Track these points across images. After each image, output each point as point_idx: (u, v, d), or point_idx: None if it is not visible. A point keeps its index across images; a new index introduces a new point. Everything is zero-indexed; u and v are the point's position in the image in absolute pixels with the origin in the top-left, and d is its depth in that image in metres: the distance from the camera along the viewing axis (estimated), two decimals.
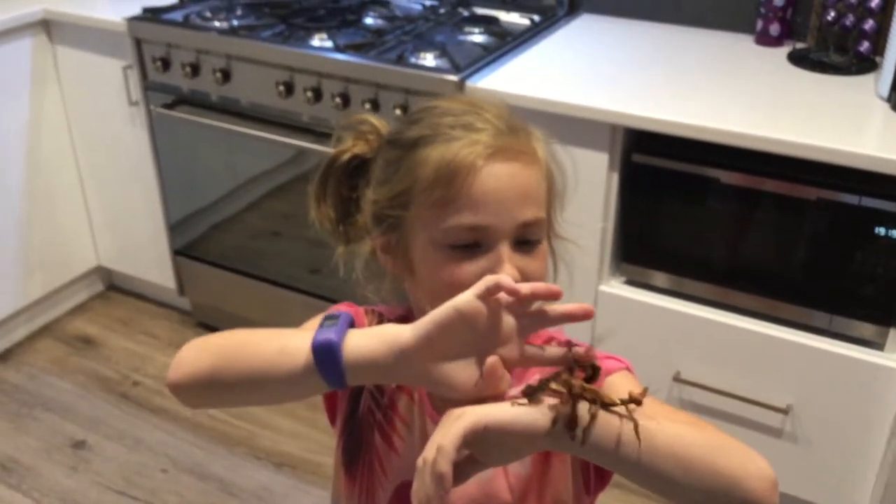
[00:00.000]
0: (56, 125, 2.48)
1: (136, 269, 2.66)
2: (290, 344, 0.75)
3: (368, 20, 2.24)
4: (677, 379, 1.85)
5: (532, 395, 0.70)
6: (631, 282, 1.88)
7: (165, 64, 2.20)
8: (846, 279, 1.66)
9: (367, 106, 1.92)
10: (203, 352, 0.81)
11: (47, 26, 2.37)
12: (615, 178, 1.79)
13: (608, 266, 1.87)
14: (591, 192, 1.80)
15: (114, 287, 2.81)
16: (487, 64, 1.90)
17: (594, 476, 0.87)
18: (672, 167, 1.75)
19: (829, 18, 1.90)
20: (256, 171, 2.27)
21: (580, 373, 0.71)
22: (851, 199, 1.60)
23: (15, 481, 2.08)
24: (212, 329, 2.59)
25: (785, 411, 1.76)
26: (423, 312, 0.73)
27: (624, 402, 0.69)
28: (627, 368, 0.86)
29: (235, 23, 2.18)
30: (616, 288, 1.88)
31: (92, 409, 2.31)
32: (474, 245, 0.78)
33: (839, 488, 1.79)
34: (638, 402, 0.69)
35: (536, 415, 0.68)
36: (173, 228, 2.47)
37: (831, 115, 1.68)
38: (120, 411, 2.30)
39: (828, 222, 1.65)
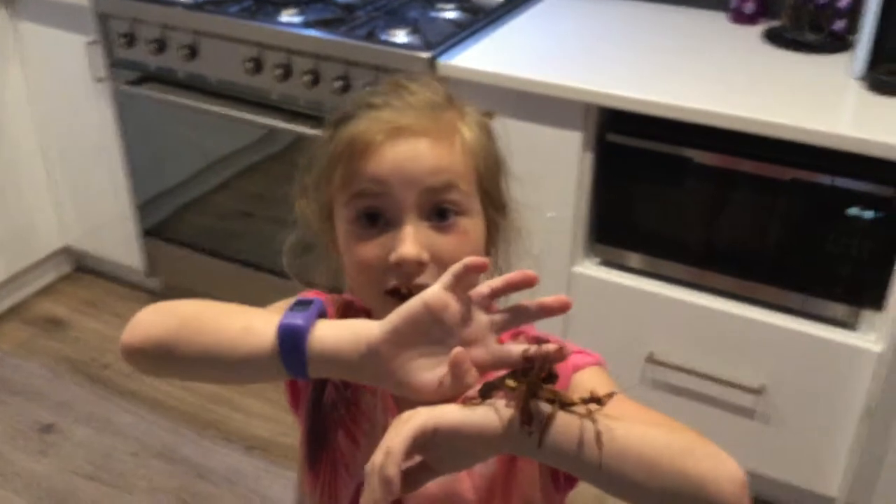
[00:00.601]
0: (17, 103, 2.41)
1: (104, 250, 2.61)
2: (256, 324, 0.71)
3: None
4: (650, 360, 1.84)
5: (486, 394, 0.66)
6: (605, 262, 1.87)
7: (131, 40, 2.14)
8: (819, 260, 1.66)
9: (338, 84, 1.88)
10: (163, 317, 0.76)
11: (8, 1, 2.30)
12: (589, 157, 1.77)
13: (581, 247, 1.86)
14: (564, 171, 1.78)
15: (82, 268, 2.76)
16: (460, 41, 1.87)
17: (563, 474, 0.83)
18: (646, 147, 1.73)
19: None
20: (227, 151, 2.23)
21: (540, 374, 0.66)
22: (825, 179, 1.59)
23: None
24: None
25: (758, 391, 1.75)
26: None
27: (584, 402, 0.65)
28: (598, 363, 0.82)
29: None
30: (589, 269, 1.86)
31: (60, 392, 2.27)
32: (380, 221, 0.76)
33: (811, 468, 1.79)
34: (599, 402, 0.65)
35: (490, 416, 0.64)
36: (142, 208, 2.42)
37: (805, 94, 1.67)
38: (89, 394, 2.26)
39: (802, 203, 1.64)
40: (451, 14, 2.08)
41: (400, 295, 0.74)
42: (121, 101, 2.26)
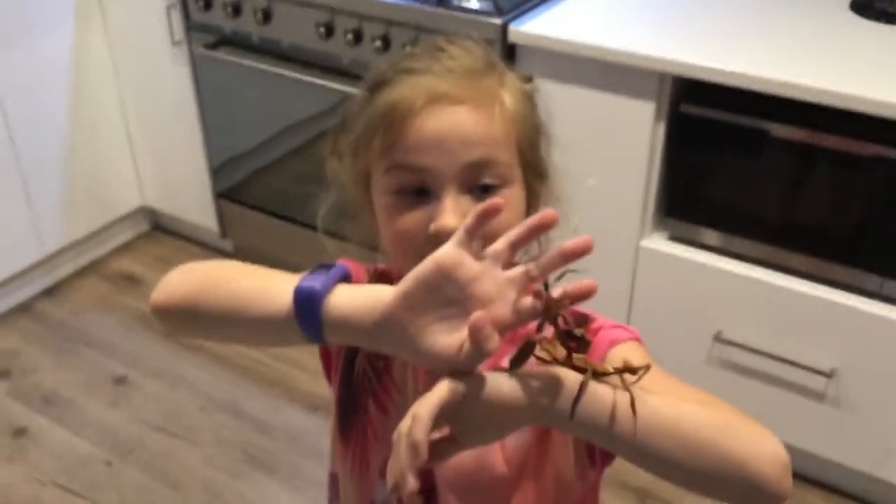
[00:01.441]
0: (100, 63, 2.48)
1: (180, 211, 2.67)
2: (274, 285, 0.70)
3: None
4: (718, 338, 1.80)
5: (515, 363, 0.63)
6: (674, 237, 1.83)
7: (207, 3, 2.17)
8: None
9: (408, 48, 1.87)
10: (188, 276, 0.77)
11: None
12: (661, 128, 1.72)
13: (651, 221, 1.82)
14: (635, 142, 1.74)
15: (158, 227, 2.84)
16: (533, 7, 1.84)
17: (599, 449, 0.79)
18: (721, 118, 1.68)
19: None
20: (301, 116, 2.25)
21: (571, 343, 0.64)
22: None
23: (56, 414, 2.13)
24: None
25: (828, 375, 1.70)
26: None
27: (618, 371, 0.62)
28: (636, 339, 0.79)
29: None
30: (659, 243, 1.82)
31: (133, 346, 2.34)
32: (421, 192, 0.74)
33: (880, 455, 1.73)
34: (633, 371, 0.62)
35: (520, 385, 0.62)
36: (216, 171, 2.47)
37: (893, 67, 1.59)
38: (160, 349, 2.33)
39: (884, 180, 1.57)
40: None
41: None
42: (197, 64, 2.29)
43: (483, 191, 0.74)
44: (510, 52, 1.79)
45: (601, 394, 0.62)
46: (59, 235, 2.51)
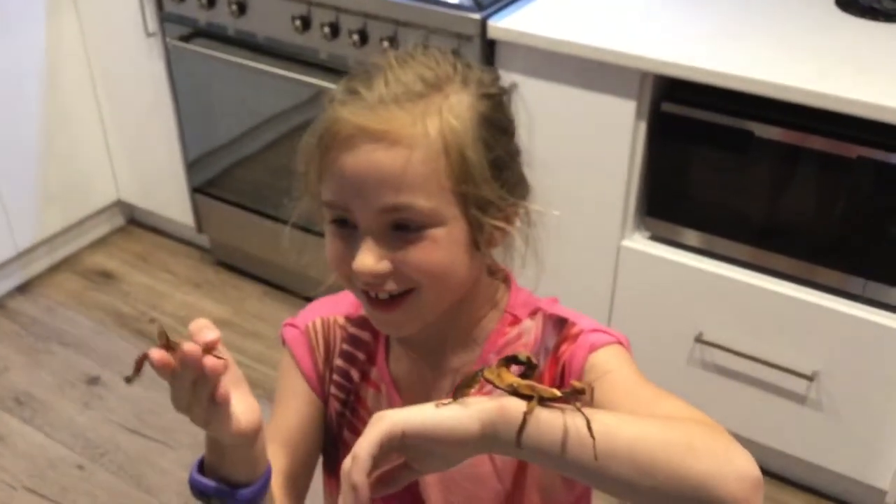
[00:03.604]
0: (74, 55, 2.42)
1: (156, 205, 2.63)
2: None
3: None
4: (699, 340, 1.77)
5: (458, 393, 0.61)
6: (655, 237, 1.80)
7: None
8: (883, 243, 1.56)
9: (386, 44, 1.83)
10: None
11: None
12: (643, 127, 1.69)
13: (632, 220, 1.79)
14: (616, 141, 1.71)
15: (135, 221, 2.79)
16: (512, 2, 1.80)
17: None
18: (704, 118, 1.64)
19: None
20: (276, 110, 2.20)
21: (517, 366, 0.62)
22: (894, 158, 1.49)
23: (28, 415, 2.09)
24: (230, 268, 2.58)
25: (810, 378, 1.68)
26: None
27: (566, 395, 0.60)
28: (619, 342, 0.77)
29: None
30: (639, 243, 1.79)
31: (108, 344, 2.30)
32: (349, 223, 0.74)
33: (863, 459, 1.72)
34: (582, 393, 0.60)
35: (463, 416, 0.60)
36: (192, 165, 2.42)
37: (880, 66, 1.56)
38: (135, 348, 2.29)
39: (868, 182, 1.54)
40: None
41: (368, 296, 0.75)
42: (171, 56, 2.24)
43: (402, 229, 0.72)
44: (490, 48, 1.75)
45: (549, 420, 0.60)
46: (33, 231, 2.46)
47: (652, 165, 1.74)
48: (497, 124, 0.76)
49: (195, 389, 0.65)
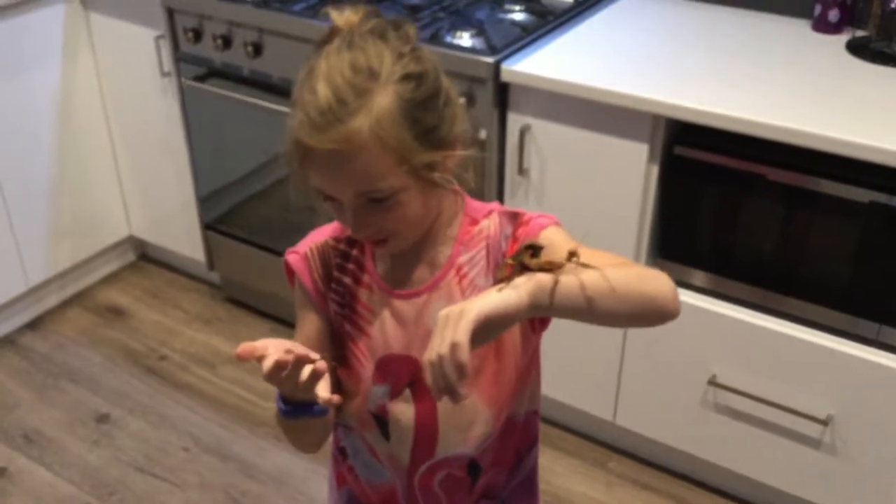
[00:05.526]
0: (89, 93, 2.45)
1: (168, 241, 2.64)
2: None
3: None
4: (712, 382, 1.77)
5: (499, 278, 0.83)
6: None
7: (197, 35, 2.15)
8: None
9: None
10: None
11: None
12: (655, 170, 1.70)
13: (644, 262, 1.79)
14: (628, 184, 1.72)
15: (146, 257, 2.80)
16: (525, 45, 1.82)
17: (538, 318, 0.97)
18: (716, 161, 1.65)
19: (893, 5, 1.78)
20: None
21: (531, 251, 0.83)
22: None
23: (37, 453, 2.08)
24: (240, 305, 2.58)
25: (825, 422, 1.67)
26: None
27: (570, 259, 0.82)
28: (556, 223, 0.96)
29: None
30: None
31: (117, 382, 2.30)
32: (337, 199, 0.90)
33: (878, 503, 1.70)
34: (575, 254, 0.82)
35: (517, 295, 0.80)
36: (203, 202, 2.43)
37: (891, 112, 1.57)
38: (145, 386, 2.28)
39: (880, 227, 1.54)
40: (518, 16, 2.03)
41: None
42: (186, 95, 2.27)
43: (376, 202, 0.89)
44: (503, 92, 1.77)
45: (567, 282, 0.82)
46: (45, 266, 2.47)
47: (664, 208, 1.74)
48: (420, 99, 0.87)
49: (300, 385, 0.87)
